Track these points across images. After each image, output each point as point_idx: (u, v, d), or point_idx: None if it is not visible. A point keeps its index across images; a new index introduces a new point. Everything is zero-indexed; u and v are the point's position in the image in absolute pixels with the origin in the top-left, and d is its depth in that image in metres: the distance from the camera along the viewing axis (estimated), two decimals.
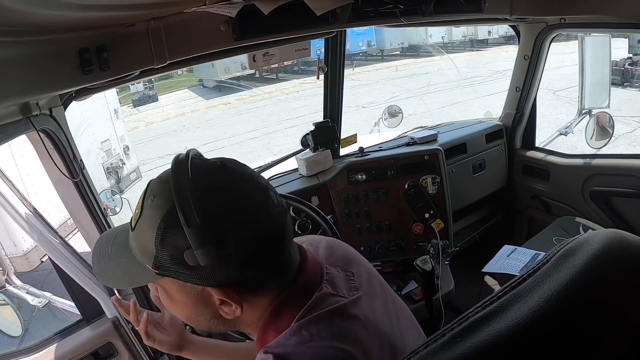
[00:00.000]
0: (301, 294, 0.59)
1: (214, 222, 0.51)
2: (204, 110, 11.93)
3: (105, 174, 5.92)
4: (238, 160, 0.60)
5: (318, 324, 0.56)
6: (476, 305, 0.32)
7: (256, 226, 0.54)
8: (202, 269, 0.52)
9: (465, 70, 11.26)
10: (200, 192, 0.51)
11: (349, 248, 0.74)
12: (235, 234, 0.52)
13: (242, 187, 0.55)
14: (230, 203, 0.53)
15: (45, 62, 0.85)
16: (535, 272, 0.32)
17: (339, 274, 0.64)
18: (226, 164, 0.57)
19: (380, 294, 0.68)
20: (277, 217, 0.56)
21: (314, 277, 0.62)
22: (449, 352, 0.30)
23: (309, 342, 0.54)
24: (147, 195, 0.56)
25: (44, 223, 1.27)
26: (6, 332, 1.76)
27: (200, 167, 0.54)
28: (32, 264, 4.07)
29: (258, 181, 0.57)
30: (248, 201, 0.54)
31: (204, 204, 0.51)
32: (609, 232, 0.32)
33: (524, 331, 0.29)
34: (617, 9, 1.48)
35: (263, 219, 0.54)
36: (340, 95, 1.89)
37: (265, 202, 0.55)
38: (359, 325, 0.58)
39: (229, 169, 0.56)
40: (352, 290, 0.63)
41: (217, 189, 0.54)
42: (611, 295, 0.29)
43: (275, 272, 0.58)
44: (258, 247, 0.54)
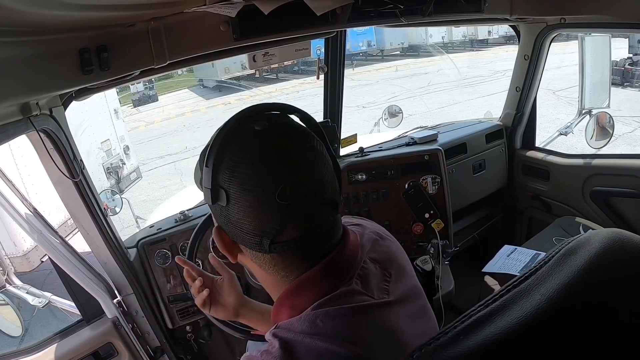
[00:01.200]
0: (327, 278, 0.57)
1: (219, 170, 0.55)
2: (204, 110, 11.93)
3: (105, 174, 5.92)
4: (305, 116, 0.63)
5: (335, 318, 0.53)
6: (478, 304, 0.32)
7: (264, 184, 0.53)
8: (219, 209, 0.56)
9: (465, 70, 11.27)
10: (245, 137, 0.55)
11: (396, 247, 0.70)
12: (235, 190, 0.54)
13: (291, 145, 0.56)
14: (272, 154, 0.55)
15: (45, 62, 0.85)
16: (537, 271, 0.32)
17: (375, 271, 0.61)
18: (281, 122, 0.59)
19: (414, 304, 0.64)
20: (314, 177, 0.55)
21: (348, 264, 0.59)
22: (451, 350, 0.30)
23: (321, 335, 0.52)
24: (220, 128, 0.59)
25: (44, 223, 1.27)
26: (6, 332, 1.76)
27: (261, 120, 0.57)
28: (32, 264, 4.07)
29: (305, 138, 0.59)
30: (293, 162, 0.55)
31: (234, 149, 0.54)
32: (610, 231, 0.32)
33: (526, 329, 0.29)
34: (617, 9, 1.48)
35: (300, 185, 0.54)
36: (340, 95, 1.89)
37: (298, 165, 0.55)
38: (378, 331, 0.55)
39: (281, 127, 0.58)
40: (383, 292, 0.59)
41: (263, 142, 0.55)
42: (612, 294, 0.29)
43: (303, 243, 0.55)
44: (260, 209, 0.53)
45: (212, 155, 0.54)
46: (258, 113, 0.58)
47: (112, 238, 1.37)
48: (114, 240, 1.38)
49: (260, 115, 0.58)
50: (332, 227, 0.58)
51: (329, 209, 0.57)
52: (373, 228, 0.70)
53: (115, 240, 1.38)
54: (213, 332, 1.68)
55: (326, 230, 0.57)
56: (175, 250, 1.59)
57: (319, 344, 0.51)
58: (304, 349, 0.52)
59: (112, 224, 1.40)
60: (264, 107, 0.59)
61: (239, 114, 0.58)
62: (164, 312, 1.57)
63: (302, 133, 0.59)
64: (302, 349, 0.52)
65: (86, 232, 1.33)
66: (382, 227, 0.73)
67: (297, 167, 0.55)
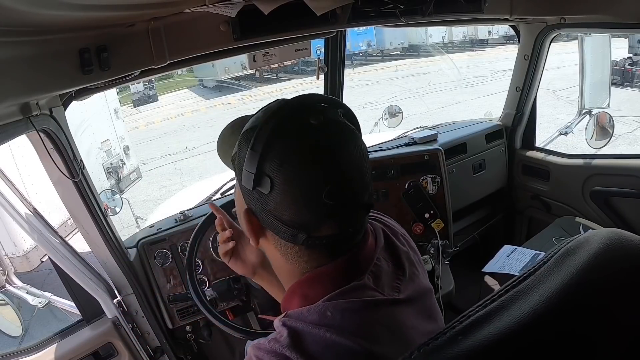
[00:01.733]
0: (341, 275, 0.57)
1: (274, 158, 0.53)
2: (204, 110, 11.93)
3: (105, 174, 5.92)
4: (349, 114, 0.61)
5: (345, 312, 0.54)
6: (477, 304, 0.32)
7: (308, 175, 0.53)
8: (253, 192, 0.55)
9: (465, 70, 11.27)
10: (279, 125, 0.54)
11: (410, 247, 0.71)
12: (279, 178, 0.53)
13: (336, 136, 0.56)
14: (295, 150, 0.54)
15: (45, 62, 0.85)
16: (536, 271, 0.32)
17: (388, 269, 0.62)
18: (333, 120, 0.57)
19: (424, 304, 0.65)
20: (353, 169, 0.55)
21: (364, 262, 0.60)
22: (450, 350, 0.30)
23: (330, 327, 0.53)
24: (263, 109, 0.60)
25: (44, 223, 1.27)
26: (6, 332, 1.76)
27: (289, 106, 0.58)
28: (32, 264, 4.07)
29: (352, 133, 0.57)
30: (312, 152, 0.54)
31: (274, 136, 0.53)
32: (610, 231, 0.32)
33: (525, 329, 0.29)
34: (617, 9, 1.48)
35: (325, 167, 0.54)
36: (340, 96, 1.89)
37: (338, 153, 0.55)
38: (385, 327, 0.56)
39: (332, 125, 0.57)
40: (394, 290, 0.61)
41: (298, 126, 0.55)
42: (612, 294, 0.29)
43: (324, 238, 0.56)
44: (310, 200, 0.53)
45: (261, 140, 0.53)
46: (313, 104, 0.58)
47: (112, 238, 1.37)
48: (114, 240, 1.38)
49: (314, 107, 0.57)
50: (361, 227, 0.60)
51: (365, 212, 0.59)
52: (391, 224, 0.71)
53: (115, 240, 1.38)
54: (213, 332, 1.68)
55: (356, 231, 0.58)
56: (175, 250, 1.59)
57: (326, 335, 0.52)
58: (311, 338, 0.52)
59: (112, 224, 1.40)
60: (318, 98, 0.60)
61: (294, 101, 0.58)
62: (164, 312, 1.57)
63: (353, 132, 0.58)
64: (310, 338, 0.52)
65: (86, 232, 1.33)
66: (400, 227, 0.74)
67: (347, 168, 0.55)
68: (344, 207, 0.55)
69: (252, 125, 0.56)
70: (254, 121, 0.57)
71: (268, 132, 0.53)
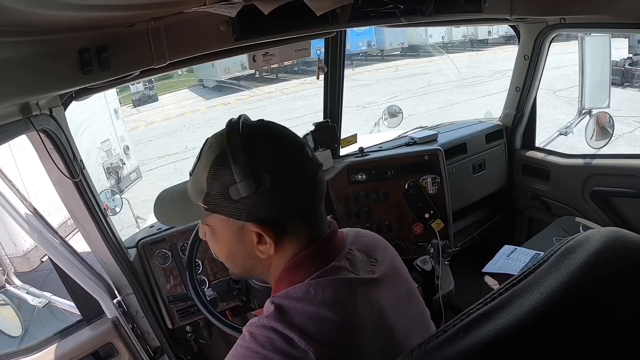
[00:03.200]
0: (320, 257, 0.65)
1: (256, 160, 0.61)
2: (204, 111, 11.93)
3: (105, 174, 5.92)
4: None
5: (326, 287, 0.61)
6: (477, 302, 0.32)
7: (292, 171, 0.63)
8: (243, 202, 0.61)
9: (465, 71, 11.26)
10: (247, 137, 0.62)
11: (381, 241, 0.79)
12: (273, 174, 0.61)
13: (283, 138, 0.66)
14: (272, 148, 0.64)
15: (45, 62, 0.85)
16: (536, 270, 0.32)
17: (362, 257, 0.70)
18: (270, 122, 0.68)
19: (400, 289, 0.71)
20: (311, 167, 0.65)
21: (338, 248, 0.68)
22: (451, 348, 0.30)
23: (312, 300, 0.60)
24: (205, 144, 0.67)
25: (44, 223, 1.27)
26: (6, 332, 1.76)
27: (248, 122, 0.66)
28: (32, 264, 4.07)
29: (296, 137, 0.67)
30: (286, 149, 0.64)
31: (248, 146, 0.62)
32: (609, 230, 0.32)
33: (525, 327, 0.29)
34: (617, 9, 1.48)
35: (298, 165, 0.64)
36: (340, 96, 1.89)
37: (301, 153, 0.65)
38: (361, 302, 0.62)
39: (272, 124, 0.68)
40: (368, 272, 0.68)
41: (262, 136, 0.64)
42: (611, 292, 0.29)
43: (304, 218, 0.66)
44: (291, 191, 0.63)
45: (240, 150, 0.61)
46: (237, 118, 0.66)
47: (112, 238, 1.37)
48: (114, 240, 1.38)
49: (240, 118, 0.66)
50: (324, 211, 0.69)
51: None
52: (357, 229, 0.80)
53: (115, 240, 1.38)
54: (213, 332, 1.68)
55: (321, 211, 0.68)
56: (175, 250, 1.59)
57: (310, 308, 0.59)
58: (295, 311, 0.59)
59: (112, 224, 1.40)
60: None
61: (236, 119, 0.66)
62: (164, 312, 1.57)
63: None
64: (294, 311, 0.59)
65: (86, 232, 1.33)
66: (382, 241, 0.81)
67: (310, 150, 0.66)
68: (321, 184, 0.66)
69: (219, 150, 0.63)
70: (216, 148, 0.63)
71: (241, 142, 0.61)
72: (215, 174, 0.62)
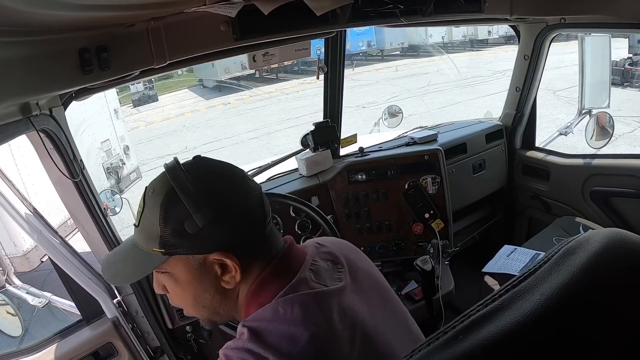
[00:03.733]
0: (283, 273, 0.66)
1: (205, 189, 0.63)
2: (204, 111, 11.93)
3: (105, 174, 5.91)
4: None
5: (294, 304, 0.61)
6: (477, 304, 0.32)
7: (239, 195, 0.65)
8: (201, 235, 0.61)
9: (465, 71, 11.26)
10: (190, 172, 0.64)
11: (344, 246, 0.78)
12: (224, 199, 0.63)
13: (222, 167, 0.68)
14: (216, 177, 0.66)
15: (45, 62, 0.85)
16: (536, 271, 0.32)
17: (327, 266, 0.70)
18: (205, 157, 0.69)
19: (372, 292, 0.72)
20: (255, 189, 0.67)
21: (298, 262, 0.68)
22: (450, 350, 0.30)
23: (282, 319, 0.60)
24: (147, 191, 0.67)
25: (44, 223, 1.28)
26: (6, 332, 1.76)
27: (185, 161, 0.67)
28: (32, 264, 4.07)
29: (234, 165, 0.70)
30: (229, 177, 0.67)
31: (194, 178, 0.63)
32: (610, 231, 0.32)
33: (525, 329, 0.29)
34: (617, 9, 1.48)
35: (244, 191, 0.66)
36: (340, 95, 1.89)
37: (244, 180, 0.67)
38: (333, 313, 0.62)
39: (207, 158, 0.69)
40: (335, 280, 0.68)
41: (203, 168, 0.67)
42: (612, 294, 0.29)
43: (261, 240, 0.67)
44: (243, 213, 0.64)
45: (185, 185, 0.62)
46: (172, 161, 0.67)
47: (112, 238, 1.37)
48: (114, 240, 1.38)
49: (175, 160, 0.67)
50: (276, 229, 0.71)
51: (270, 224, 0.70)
52: (320, 238, 0.81)
53: (115, 240, 1.38)
54: (213, 332, 1.68)
55: (273, 229, 0.70)
56: None
57: (281, 327, 0.60)
58: (267, 332, 0.59)
59: (112, 224, 1.40)
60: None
61: (165, 166, 0.67)
62: (164, 312, 1.57)
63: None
64: (266, 332, 0.59)
65: (86, 232, 1.33)
66: (330, 237, 0.83)
67: (248, 175, 0.70)
68: (265, 212, 0.67)
69: (165, 190, 0.63)
70: (161, 190, 0.64)
71: (185, 176, 0.63)
72: (167, 213, 0.62)
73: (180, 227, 0.61)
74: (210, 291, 0.67)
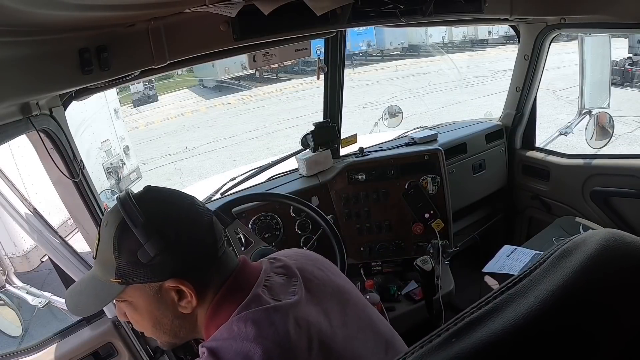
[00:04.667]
0: (237, 292, 0.68)
1: (154, 219, 0.65)
2: (204, 111, 11.93)
3: (105, 174, 5.91)
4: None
5: (247, 321, 0.63)
6: (472, 306, 0.32)
7: (189, 222, 0.67)
8: (154, 263, 0.64)
9: (465, 71, 11.26)
10: (140, 202, 0.66)
11: (301, 257, 0.80)
12: (173, 227, 0.65)
13: (171, 195, 0.70)
14: (164, 206, 0.68)
15: (45, 62, 0.85)
16: (532, 272, 0.32)
17: (281, 280, 0.72)
18: (155, 186, 0.72)
19: (330, 300, 0.73)
20: (205, 214, 0.69)
21: (252, 279, 0.70)
22: (444, 353, 0.30)
23: (237, 336, 0.62)
24: (101, 224, 0.69)
25: (44, 223, 1.28)
26: (6, 332, 1.76)
27: (136, 193, 0.70)
28: (32, 264, 4.07)
29: (183, 193, 0.72)
30: (178, 205, 0.69)
31: (143, 209, 0.65)
32: (607, 231, 0.32)
33: (520, 331, 0.29)
34: (617, 9, 1.48)
35: (193, 217, 0.68)
36: (340, 95, 1.89)
37: (192, 206, 0.69)
38: (286, 325, 0.64)
39: (158, 187, 0.72)
40: (289, 295, 0.69)
41: (152, 199, 0.69)
42: (609, 295, 0.29)
43: (214, 263, 0.69)
44: (193, 239, 0.66)
45: (135, 216, 0.64)
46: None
47: None
48: None
49: (126, 191, 0.70)
50: (229, 250, 0.72)
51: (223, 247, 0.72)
52: (276, 252, 0.83)
53: None
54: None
55: (227, 250, 0.71)
56: None
57: (236, 345, 0.61)
58: (224, 351, 0.61)
59: None
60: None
61: (117, 198, 0.69)
62: None
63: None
64: (224, 351, 0.61)
65: (86, 232, 1.33)
66: (289, 249, 0.85)
67: (199, 201, 0.73)
68: (215, 236, 0.69)
69: (117, 222, 0.65)
70: (113, 221, 0.66)
71: (135, 208, 0.65)
72: (120, 244, 0.65)
73: (134, 257, 0.64)
74: (169, 317, 0.69)
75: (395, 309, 1.72)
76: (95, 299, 0.70)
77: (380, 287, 1.79)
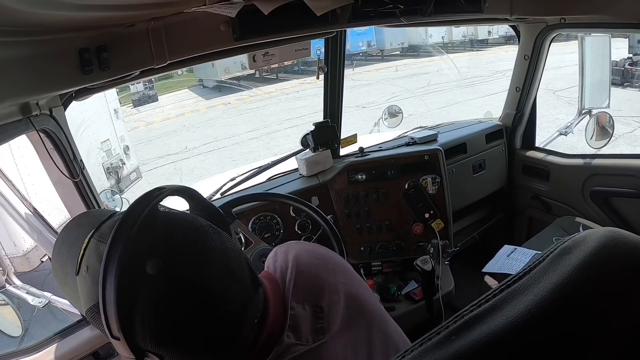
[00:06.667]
0: (263, 353, 0.58)
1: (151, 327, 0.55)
2: (204, 110, 11.93)
3: (105, 174, 5.91)
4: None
5: None
6: (471, 304, 0.32)
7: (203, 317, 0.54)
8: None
9: (465, 70, 11.27)
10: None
11: (322, 266, 0.68)
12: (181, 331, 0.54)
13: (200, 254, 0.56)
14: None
15: (45, 62, 0.85)
16: (531, 271, 0.31)
17: (305, 312, 0.61)
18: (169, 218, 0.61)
19: (356, 328, 0.63)
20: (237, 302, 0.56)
21: (276, 327, 0.59)
22: (443, 350, 0.30)
23: None
24: (80, 263, 0.58)
25: (44, 223, 1.28)
26: (6, 332, 1.76)
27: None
28: (32, 264, 4.06)
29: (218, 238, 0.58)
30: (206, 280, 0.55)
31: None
32: (607, 230, 0.32)
33: (519, 330, 0.29)
34: (617, 9, 1.48)
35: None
36: (340, 95, 1.89)
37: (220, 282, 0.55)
38: None
39: (175, 222, 0.60)
40: (318, 333, 0.60)
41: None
42: (608, 293, 0.29)
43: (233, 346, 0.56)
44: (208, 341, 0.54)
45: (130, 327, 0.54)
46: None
47: None
48: None
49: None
50: (246, 308, 0.57)
51: (245, 300, 0.57)
52: (294, 260, 0.67)
53: None
54: None
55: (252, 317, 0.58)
56: None
57: None
58: None
59: None
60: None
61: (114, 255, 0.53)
62: None
63: (201, 245, 0.56)
64: None
65: None
66: (303, 250, 0.70)
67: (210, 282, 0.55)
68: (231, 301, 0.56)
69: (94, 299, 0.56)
70: (89, 298, 0.57)
71: (140, 315, 0.54)
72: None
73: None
74: None
75: (395, 309, 1.72)
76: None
77: (380, 287, 1.79)
